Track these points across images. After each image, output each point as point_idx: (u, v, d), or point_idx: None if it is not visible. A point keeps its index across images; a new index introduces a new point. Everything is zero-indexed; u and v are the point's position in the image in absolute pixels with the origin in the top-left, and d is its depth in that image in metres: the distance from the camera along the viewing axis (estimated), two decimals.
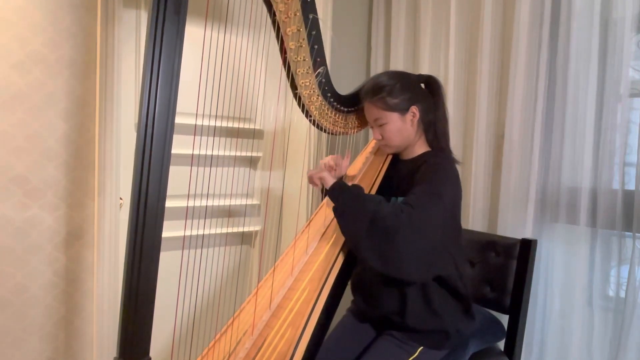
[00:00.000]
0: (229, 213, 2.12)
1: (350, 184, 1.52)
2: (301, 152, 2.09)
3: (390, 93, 1.36)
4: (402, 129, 1.39)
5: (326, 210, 1.49)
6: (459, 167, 1.38)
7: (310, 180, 1.41)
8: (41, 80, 1.61)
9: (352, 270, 1.35)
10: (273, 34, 1.28)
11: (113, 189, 1.70)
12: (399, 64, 2.23)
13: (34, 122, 1.61)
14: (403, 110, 1.38)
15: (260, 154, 2.20)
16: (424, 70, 2.09)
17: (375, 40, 2.39)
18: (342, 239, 1.33)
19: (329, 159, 1.56)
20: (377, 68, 2.37)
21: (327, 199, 1.45)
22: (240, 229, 2.16)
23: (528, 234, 1.71)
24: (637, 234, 1.49)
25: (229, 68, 1.26)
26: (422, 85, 1.45)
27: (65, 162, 1.67)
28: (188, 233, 1.80)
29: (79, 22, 1.66)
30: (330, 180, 1.34)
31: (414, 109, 1.38)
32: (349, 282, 1.43)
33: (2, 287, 1.61)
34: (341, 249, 1.32)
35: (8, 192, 1.59)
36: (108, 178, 1.68)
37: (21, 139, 1.59)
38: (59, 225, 1.68)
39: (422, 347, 1.31)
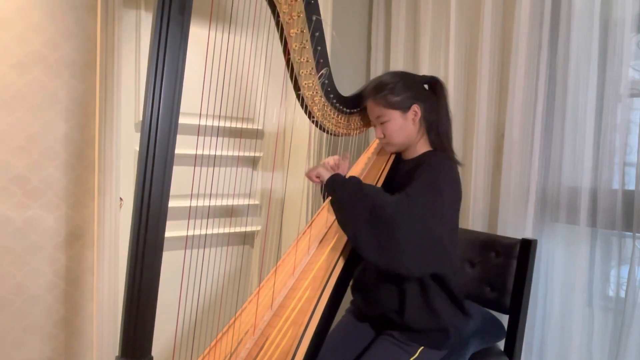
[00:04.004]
0: (230, 213, 2.12)
1: None
2: (302, 152, 2.09)
3: (392, 91, 1.37)
4: (404, 127, 1.40)
5: (328, 212, 1.49)
6: (459, 169, 1.39)
7: (309, 177, 1.42)
8: (41, 80, 1.61)
9: (354, 270, 1.35)
10: (277, 35, 1.28)
11: (113, 189, 1.69)
12: (399, 64, 2.23)
13: (34, 122, 1.61)
14: (404, 108, 1.38)
15: (261, 154, 2.20)
16: (424, 70, 2.10)
17: (375, 40, 2.39)
18: (344, 239, 1.32)
19: (329, 160, 1.57)
20: (377, 68, 2.37)
21: (328, 201, 1.45)
22: (241, 229, 2.16)
23: (528, 234, 1.71)
24: (637, 234, 1.49)
25: (232, 68, 1.26)
26: (426, 86, 1.45)
27: (65, 162, 1.67)
28: (190, 233, 1.80)
29: (79, 22, 1.65)
30: (327, 174, 1.37)
31: (416, 107, 1.38)
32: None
33: (2, 287, 1.60)
34: (343, 249, 1.31)
35: (8, 192, 1.58)
36: (108, 178, 1.68)
37: (21, 139, 1.59)
38: (59, 225, 1.68)
39: (422, 348, 1.32)
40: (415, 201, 1.21)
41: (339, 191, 1.31)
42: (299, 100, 1.42)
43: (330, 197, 1.36)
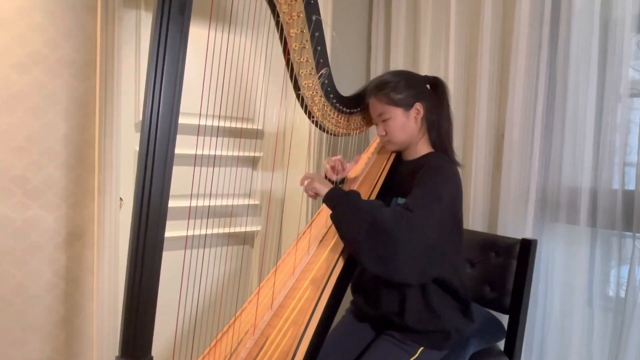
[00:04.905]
0: (230, 213, 2.12)
1: (352, 185, 1.52)
2: (302, 152, 2.09)
3: (394, 89, 1.37)
4: (406, 125, 1.39)
5: (327, 212, 1.48)
6: (459, 169, 1.39)
7: (305, 191, 1.39)
8: (41, 80, 1.61)
9: (354, 270, 1.35)
10: (277, 35, 1.28)
11: (113, 189, 1.69)
12: (399, 64, 2.23)
13: (34, 122, 1.61)
14: (407, 106, 1.38)
15: (261, 154, 2.20)
16: (424, 70, 2.10)
17: (375, 40, 2.39)
18: None
19: (335, 161, 1.56)
20: (377, 68, 2.37)
21: None
22: (241, 229, 2.16)
23: (528, 234, 1.71)
24: (637, 234, 1.49)
25: (232, 68, 1.26)
26: (428, 86, 1.45)
27: (65, 162, 1.67)
28: (190, 233, 1.80)
29: (79, 22, 1.65)
30: (323, 190, 1.33)
31: (418, 105, 1.38)
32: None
33: (2, 287, 1.60)
34: (343, 250, 1.31)
35: (8, 192, 1.58)
36: (108, 178, 1.68)
37: (21, 139, 1.59)
38: (59, 225, 1.68)
39: (422, 348, 1.31)
40: (414, 214, 1.21)
41: (338, 207, 1.29)
42: (298, 100, 1.42)
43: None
